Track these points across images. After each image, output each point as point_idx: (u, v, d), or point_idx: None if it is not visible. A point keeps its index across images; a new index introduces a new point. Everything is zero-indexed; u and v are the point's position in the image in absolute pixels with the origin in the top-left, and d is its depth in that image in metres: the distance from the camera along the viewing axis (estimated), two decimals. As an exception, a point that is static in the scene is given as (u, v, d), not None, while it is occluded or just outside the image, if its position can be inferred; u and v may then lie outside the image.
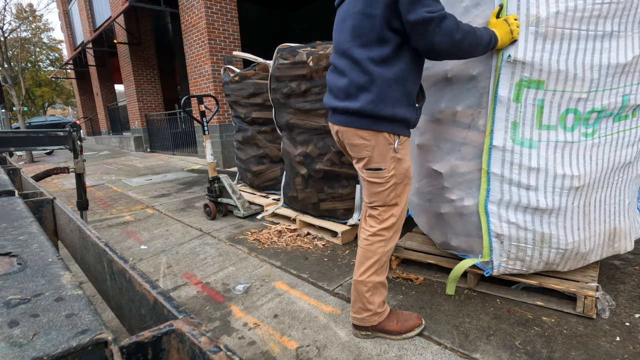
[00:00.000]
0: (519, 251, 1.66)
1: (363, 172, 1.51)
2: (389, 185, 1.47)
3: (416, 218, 2.23)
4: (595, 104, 1.50)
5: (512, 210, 1.62)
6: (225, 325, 1.76)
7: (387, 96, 1.36)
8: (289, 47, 2.86)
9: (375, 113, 1.37)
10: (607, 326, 1.57)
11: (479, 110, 1.62)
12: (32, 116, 28.19)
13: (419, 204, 2.08)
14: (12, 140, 2.38)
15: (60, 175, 6.53)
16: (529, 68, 1.46)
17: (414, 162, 2.02)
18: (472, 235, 1.79)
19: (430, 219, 2.03)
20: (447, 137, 1.77)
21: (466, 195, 1.75)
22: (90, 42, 11.27)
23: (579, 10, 1.39)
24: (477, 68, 1.58)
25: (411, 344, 1.54)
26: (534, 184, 1.56)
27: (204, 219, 3.48)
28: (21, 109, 10.80)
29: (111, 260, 0.71)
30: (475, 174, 1.69)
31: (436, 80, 1.78)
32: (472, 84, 1.62)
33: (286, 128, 3.03)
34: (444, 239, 1.98)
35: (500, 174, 1.59)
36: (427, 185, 1.96)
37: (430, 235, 2.11)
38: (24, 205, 0.99)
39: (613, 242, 1.74)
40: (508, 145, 1.55)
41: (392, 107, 1.37)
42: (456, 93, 1.69)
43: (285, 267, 2.34)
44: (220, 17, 6.44)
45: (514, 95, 1.50)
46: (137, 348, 0.45)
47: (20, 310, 0.46)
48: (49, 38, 33.10)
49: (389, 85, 1.35)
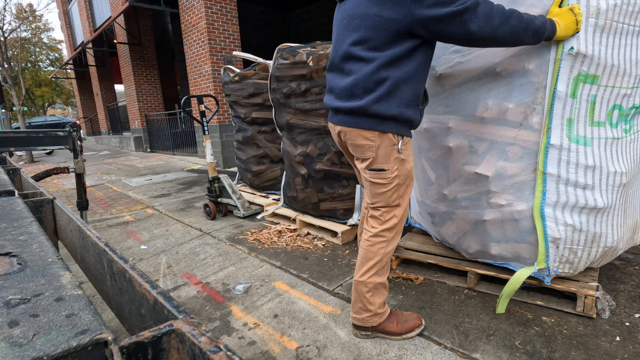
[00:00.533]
0: (570, 254, 1.60)
1: (366, 172, 1.49)
2: (392, 186, 1.46)
3: (435, 227, 2.07)
4: (636, 100, 1.51)
5: (569, 212, 1.55)
6: (225, 325, 1.76)
7: (394, 96, 1.33)
8: (289, 47, 2.86)
9: (381, 113, 1.34)
10: (607, 326, 1.57)
11: (533, 107, 1.51)
12: (32, 116, 28.22)
13: (446, 211, 1.92)
14: (12, 140, 2.38)
15: (60, 175, 6.53)
16: (587, 62, 1.41)
17: (440, 167, 1.90)
18: (521, 241, 1.68)
19: (462, 227, 1.88)
20: (490, 138, 1.65)
21: (517, 199, 1.63)
22: (90, 42, 11.28)
23: (632, 4, 1.39)
24: (532, 61, 1.48)
25: (411, 344, 1.54)
26: (591, 183, 1.51)
27: (204, 219, 3.48)
28: (21, 109, 10.80)
29: (111, 260, 0.71)
30: (527, 176, 1.59)
31: (479, 75, 1.62)
32: (526, 78, 1.51)
33: (286, 128, 3.03)
34: (479, 248, 1.85)
35: (556, 174, 1.51)
36: (461, 191, 1.81)
37: (458, 245, 1.97)
38: (24, 205, 0.99)
39: (634, 234, 1.76)
40: (565, 143, 1.48)
41: (398, 107, 1.35)
42: (507, 89, 1.56)
43: (285, 267, 2.34)
44: (220, 17, 6.44)
45: (570, 91, 1.44)
46: (137, 348, 0.45)
47: (20, 310, 0.46)
48: (49, 38, 33.14)
49: (398, 85, 1.33)
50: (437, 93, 1.78)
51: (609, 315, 1.64)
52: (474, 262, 1.98)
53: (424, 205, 2.08)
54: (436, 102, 1.80)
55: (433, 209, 2.01)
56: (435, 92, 1.79)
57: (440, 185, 1.91)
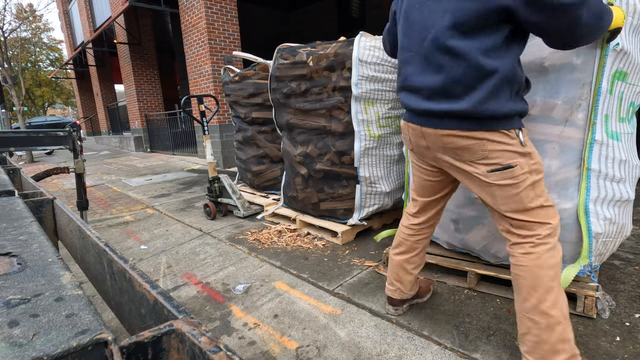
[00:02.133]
0: (604, 247, 1.63)
1: (488, 177, 1.26)
2: (526, 183, 1.24)
3: (458, 234, 1.97)
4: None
5: (607, 206, 1.59)
6: (225, 325, 1.76)
7: (501, 92, 1.17)
8: (289, 47, 2.87)
9: (493, 113, 1.18)
10: (607, 326, 1.57)
11: (578, 102, 1.50)
12: (32, 116, 28.21)
13: (476, 216, 1.86)
14: (12, 140, 2.38)
15: (60, 175, 6.53)
16: (625, 59, 1.45)
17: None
18: (562, 239, 1.62)
19: (493, 230, 1.81)
20: (532, 136, 1.61)
21: (561, 197, 1.61)
22: (90, 42, 11.28)
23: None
24: (580, 57, 1.46)
25: (411, 344, 1.54)
26: (624, 176, 1.58)
27: (204, 219, 3.48)
28: (21, 109, 10.80)
29: (111, 260, 0.71)
30: (571, 173, 1.58)
31: (526, 70, 1.58)
32: (574, 74, 1.49)
33: (286, 128, 3.03)
34: None
35: (598, 169, 1.54)
36: None
37: (485, 251, 1.90)
38: (24, 205, 0.99)
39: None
40: (604, 139, 1.51)
41: (506, 102, 1.19)
42: (555, 84, 1.53)
43: (285, 267, 2.34)
44: (220, 17, 6.44)
45: (609, 87, 1.47)
46: (137, 348, 0.45)
47: (20, 310, 0.46)
48: (49, 38, 33.15)
49: (502, 79, 1.16)
50: None
51: (609, 315, 1.64)
52: (474, 262, 1.97)
53: (445, 211, 1.98)
54: None
55: (457, 215, 1.93)
56: None
57: (467, 189, 1.83)
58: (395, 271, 1.72)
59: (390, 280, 1.74)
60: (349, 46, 2.50)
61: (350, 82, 2.50)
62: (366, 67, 2.46)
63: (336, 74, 2.57)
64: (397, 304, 1.75)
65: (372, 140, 2.61)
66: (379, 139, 2.63)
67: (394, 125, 2.71)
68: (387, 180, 2.75)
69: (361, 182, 2.67)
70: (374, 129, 2.60)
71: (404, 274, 1.70)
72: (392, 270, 1.73)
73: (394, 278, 1.72)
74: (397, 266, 1.71)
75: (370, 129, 2.59)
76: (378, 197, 2.74)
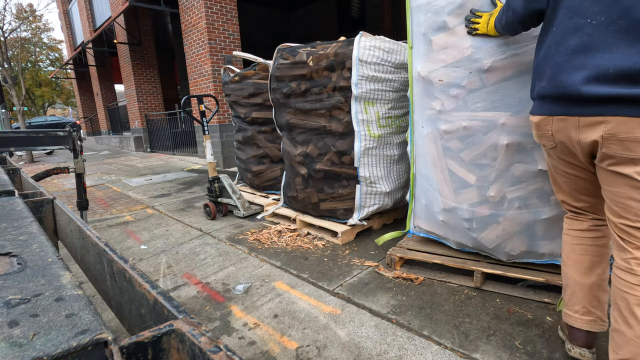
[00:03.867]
0: None
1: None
2: None
3: (472, 233, 1.93)
4: None
5: None
6: (225, 325, 1.76)
7: None
8: (289, 47, 2.87)
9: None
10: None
11: None
12: (32, 116, 28.20)
13: (491, 214, 1.82)
14: (12, 140, 2.38)
15: (60, 175, 6.53)
16: None
17: (478, 167, 1.79)
18: None
19: (509, 229, 1.79)
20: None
21: None
22: (90, 42, 11.27)
23: None
24: None
25: (411, 344, 1.54)
26: None
27: (204, 219, 3.48)
28: (21, 109, 10.80)
29: (111, 260, 0.71)
30: None
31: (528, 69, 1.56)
32: None
33: (286, 128, 3.03)
34: (525, 249, 1.81)
35: None
36: (516, 190, 1.73)
37: (499, 249, 1.88)
38: (24, 205, 0.99)
39: None
40: None
41: None
42: None
43: (285, 267, 2.34)
44: (220, 17, 6.44)
45: None
46: (137, 348, 0.45)
47: (20, 310, 0.46)
48: (49, 38, 33.15)
49: None
50: (476, 88, 1.69)
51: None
52: (480, 262, 1.98)
53: (458, 210, 1.93)
54: (476, 98, 1.70)
55: (471, 214, 1.88)
56: (474, 86, 1.70)
57: (482, 187, 1.81)
58: (593, 293, 1.35)
59: (587, 308, 1.36)
60: (349, 46, 2.50)
61: (350, 82, 2.50)
62: (366, 67, 2.46)
63: (336, 74, 2.57)
64: (593, 341, 1.37)
65: (372, 140, 2.61)
66: (379, 139, 2.63)
67: (394, 125, 2.71)
68: (387, 180, 2.75)
69: (361, 182, 2.67)
70: (374, 129, 2.60)
71: (603, 293, 1.35)
72: (585, 293, 1.36)
73: (590, 304, 1.34)
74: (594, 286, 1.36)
75: (370, 129, 2.59)
76: (378, 197, 2.74)
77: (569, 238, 1.41)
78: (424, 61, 1.89)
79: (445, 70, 1.78)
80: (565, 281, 1.41)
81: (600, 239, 1.35)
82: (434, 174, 2.01)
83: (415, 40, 1.95)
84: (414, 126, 2.14)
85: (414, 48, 1.97)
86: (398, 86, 2.63)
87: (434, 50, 1.82)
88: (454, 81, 1.76)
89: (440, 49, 1.79)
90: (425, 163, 2.06)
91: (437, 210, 2.06)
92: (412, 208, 2.31)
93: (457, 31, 1.70)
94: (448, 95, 1.80)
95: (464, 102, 1.74)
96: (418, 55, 1.94)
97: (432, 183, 2.04)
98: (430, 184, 2.06)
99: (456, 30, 1.70)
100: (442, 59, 1.79)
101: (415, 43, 1.95)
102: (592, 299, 1.33)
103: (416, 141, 2.13)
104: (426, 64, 1.88)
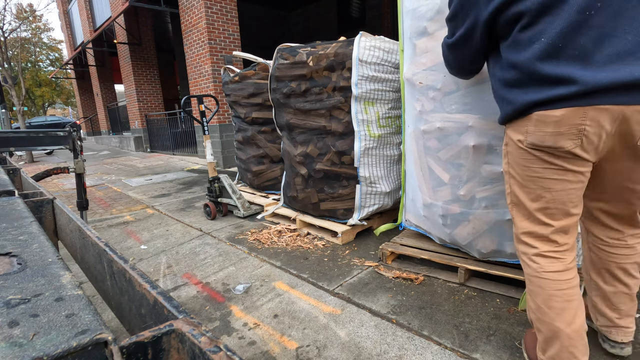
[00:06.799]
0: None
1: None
2: None
3: (446, 229, 2.00)
4: None
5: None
6: (225, 325, 1.76)
7: None
8: (289, 47, 2.86)
9: None
10: (607, 326, 1.57)
11: None
12: (32, 116, 28.21)
13: (461, 212, 1.89)
14: (12, 140, 2.38)
15: (60, 175, 6.53)
16: None
17: (453, 167, 1.84)
18: None
19: (478, 227, 1.86)
20: None
21: None
22: (90, 42, 11.28)
23: None
24: None
25: (411, 344, 1.54)
26: None
27: (204, 219, 3.48)
28: (21, 109, 10.80)
29: (111, 260, 0.71)
30: None
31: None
32: None
33: (286, 128, 3.03)
34: (495, 248, 1.86)
35: None
36: (480, 191, 1.79)
37: (471, 247, 1.94)
38: (24, 205, 0.99)
39: None
40: None
41: None
42: None
43: (285, 267, 2.34)
44: (220, 17, 6.44)
45: None
46: (137, 348, 0.45)
47: (20, 310, 0.46)
48: (49, 38, 33.17)
49: None
50: (451, 91, 1.76)
51: (609, 315, 1.64)
52: (465, 259, 2.02)
53: (434, 207, 2.02)
54: (450, 101, 1.77)
55: (445, 211, 1.96)
56: (448, 89, 1.77)
57: (454, 186, 1.87)
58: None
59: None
60: (349, 46, 2.50)
61: (350, 82, 2.50)
62: (366, 67, 2.46)
63: (336, 74, 2.57)
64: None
65: (372, 140, 2.61)
66: (379, 139, 2.63)
67: (394, 125, 2.71)
68: (387, 180, 2.75)
69: (361, 182, 2.67)
70: (374, 129, 2.60)
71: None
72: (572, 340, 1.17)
73: (581, 354, 1.17)
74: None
75: (370, 129, 2.59)
76: (378, 197, 2.74)
77: (547, 283, 1.16)
78: (410, 64, 1.99)
79: (425, 73, 1.88)
80: (546, 331, 1.19)
81: (576, 277, 1.19)
82: (415, 171, 2.12)
83: (405, 44, 2.06)
84: (405, 125, 2.25)
85: (404, 51, 2.07)
86: (398, 86, 2.63)
87: (417, 54, 1.91)
88: (432, 84, 1.85)
89: (422, 53, 1.88)
90: (410, 160, 2.18)
91: (419, 206, 2.17)
92: (404, 202, 2.42)
93: (436, 36, 1.78)
94: (427, 97, 1.89)
95: (441, 103, 1.82)
96: (406, 58, 2.04)
97: (415, 179, 2.15)
98: (414, 180, 2.17)
99: (435, 35, 1.78)
100: (423, 62, 1.88)
101: (405, 46, 2.06)
102: (583, 347, 1.17)
103: (406, 139, 2.26)
104: (411, 67, 1.98)
